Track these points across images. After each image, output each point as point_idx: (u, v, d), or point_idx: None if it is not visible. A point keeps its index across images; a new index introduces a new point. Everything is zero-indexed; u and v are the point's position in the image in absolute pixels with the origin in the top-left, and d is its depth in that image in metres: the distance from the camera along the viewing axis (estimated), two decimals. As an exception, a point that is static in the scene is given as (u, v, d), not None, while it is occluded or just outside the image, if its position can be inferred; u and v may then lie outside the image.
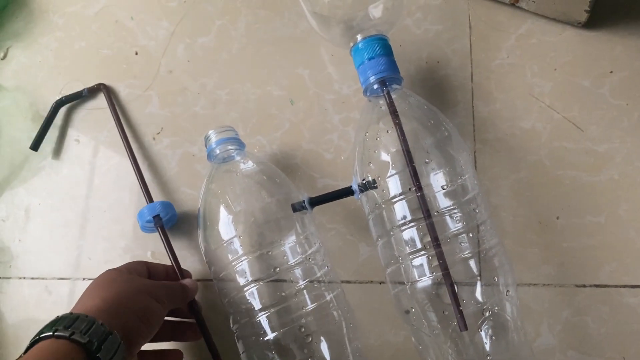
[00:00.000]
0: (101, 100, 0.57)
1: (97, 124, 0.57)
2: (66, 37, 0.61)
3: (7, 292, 0.54)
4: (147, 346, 0.41)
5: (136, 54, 0.58)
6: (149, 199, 0.50)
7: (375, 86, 0.44)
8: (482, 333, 0.39)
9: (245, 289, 0.42)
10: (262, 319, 0.41)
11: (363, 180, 0.42)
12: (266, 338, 0.40)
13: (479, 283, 0.40)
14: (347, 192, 0.43)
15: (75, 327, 0.34)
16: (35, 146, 0.57)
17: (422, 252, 0.40)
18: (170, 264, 0.47)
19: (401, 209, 0.41)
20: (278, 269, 0.42)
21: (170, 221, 0.51)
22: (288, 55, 0.55)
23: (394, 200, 0.41)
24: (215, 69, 0.56)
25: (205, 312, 0.48)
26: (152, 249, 0.52)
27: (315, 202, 0.44)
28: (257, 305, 0.41)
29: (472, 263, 0.40)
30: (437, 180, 0.41)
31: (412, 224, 0.40)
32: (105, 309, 0.37)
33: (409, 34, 0.53)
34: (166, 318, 0.43)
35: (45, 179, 0.57)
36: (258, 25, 0.56)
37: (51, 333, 0.34)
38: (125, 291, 0.39)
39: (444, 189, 0.41)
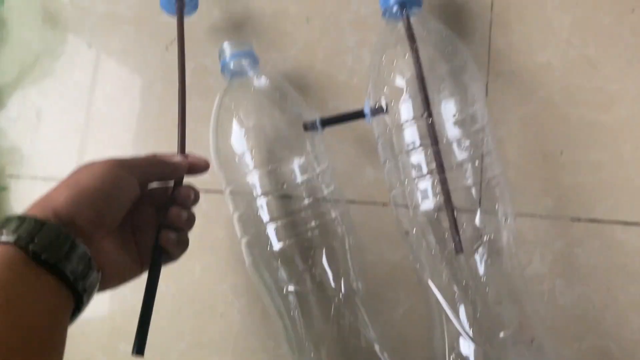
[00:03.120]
0: (116, 4, 0.56)
1: (110, 30, 0.56)
2: (78, -64, 0.59)
3: (19, 190, 0.56)
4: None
5: (150, -42, 0.57)
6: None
7: (395, 8, 0.43)
8: (477, 257, 0.41)
9: (254, 201, 0.43)
10: (270, 230, 0.42)
11: (376, 103, 0.43)
12: (272, 248, 0.42)
13: (478, 210, 0.42)
14: (359, 114, 0.44)
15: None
16: None
17: (427, 177, 0.41)
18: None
19: (411, 134, 0.42)
20: (286, 185, 0.43)
21: (192, 8, 0.52)
22: (306, -29, 0.54)
23: (404, 125, 0.42)
24: (231, -20, 0.55)
25: (210, 225, 0.50)
26: (161, 158, 0.53)
27: (327, 122, 0.45)
28: (265, 217, 0.43)
29: (473, 191, 0.42)
30: (448, 109, 0.42)
31: (420, 149, 0.41)
32: (62, 199, 0.34)
33: (432, -44, 0.51)
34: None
35: (56, 82, 0.57)
36: (277, -64, 0.55)
37: None
38: (89, 173, 0.36)
39: (454, 117, 0.41)
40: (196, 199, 0.42)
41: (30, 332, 0.29)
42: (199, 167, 0.43)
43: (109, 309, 0.52)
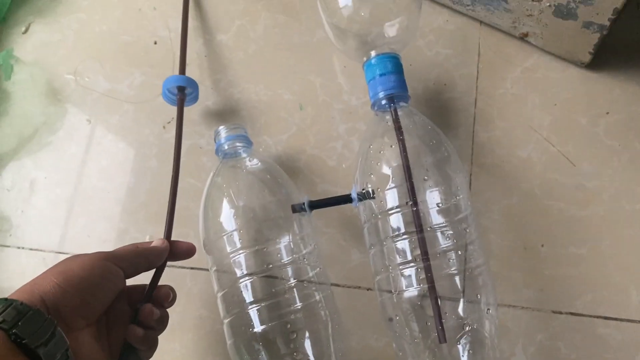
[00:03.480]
0: (118, 84, 0.59)
1: (110, 107, 0.58)
2: (88, 19, 0.62)
3: (4, 260, 0.56)
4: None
5: (155, 43, 0.60)
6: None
7: (384, 102, 0.46)
8: (460, 347, 0.41)
9: (239, 281, 0.43)
10: (253, 311, 0.42)
11: (363, 189, 0.44)
12: (254, 330, 0.42)
13: (462, 299, 0.42)
14: (346, 199, 0.45)
15: None
16: None
17: (412, 264, 0.42)
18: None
19: (396, 221, 0.43)
20: (271, 266, 0.43)
21: (192, 100, 0.55)
22: (302, 62, 0.57)
23: (390, 212, 0.43)
24: (230, 67, 0.58)
25: (193, 303, 0.50)
26: (150, 233, 0.54)
27: (315, 205, 0.46)
28: (248, 297, 0.43)
29: (457, 279, 0.42)
30: (432, 198, 0.43)
31: (405, 236, 0.42)
32: (47, 286, 0.35)
33: (420, 55, 0.55)
34: None
35: (53, 154, 0.58)
36: (276, 30, 0.58)
37: None
38: (77, 263, 0.38)
39: (438, 207, 0.43)
40: (173, 300, 0.44)
41: None
42: (186, 251, 0.45)
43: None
